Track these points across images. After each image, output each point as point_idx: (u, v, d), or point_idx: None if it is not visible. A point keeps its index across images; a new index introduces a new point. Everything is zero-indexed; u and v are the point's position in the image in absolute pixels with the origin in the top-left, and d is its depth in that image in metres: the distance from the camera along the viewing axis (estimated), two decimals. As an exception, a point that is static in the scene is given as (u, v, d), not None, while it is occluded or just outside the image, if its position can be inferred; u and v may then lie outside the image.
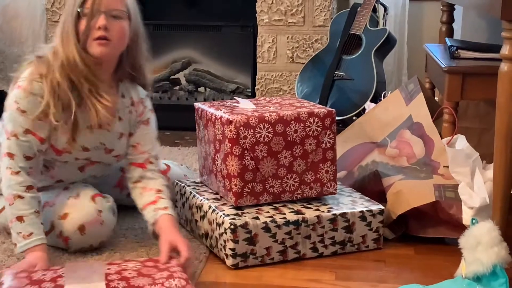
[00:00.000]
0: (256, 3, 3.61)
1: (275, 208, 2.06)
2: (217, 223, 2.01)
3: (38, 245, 1.91)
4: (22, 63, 2.05)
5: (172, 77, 3.86)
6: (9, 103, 1.99)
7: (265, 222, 1.97)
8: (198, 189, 2.23)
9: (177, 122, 3.67)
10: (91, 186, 2.15)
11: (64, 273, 1.69)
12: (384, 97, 2.73)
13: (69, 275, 1.66)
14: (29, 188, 1.96)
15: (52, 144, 2.03)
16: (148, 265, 1.78)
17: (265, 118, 2.03)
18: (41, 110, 1.95)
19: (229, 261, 1.97)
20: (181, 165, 2.56)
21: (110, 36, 1.96)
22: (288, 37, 3.63)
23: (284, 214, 2.02)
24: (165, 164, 2.45)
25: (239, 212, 2.02)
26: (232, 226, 1.94)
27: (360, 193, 2.22)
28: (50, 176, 2.13)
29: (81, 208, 2.05)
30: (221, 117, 2.05)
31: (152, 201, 2.06)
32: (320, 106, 2.17)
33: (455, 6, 3.30)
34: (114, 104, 2.06)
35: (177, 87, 3.85)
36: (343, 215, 2.05)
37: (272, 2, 3.59)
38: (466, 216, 1.98)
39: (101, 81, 2.01)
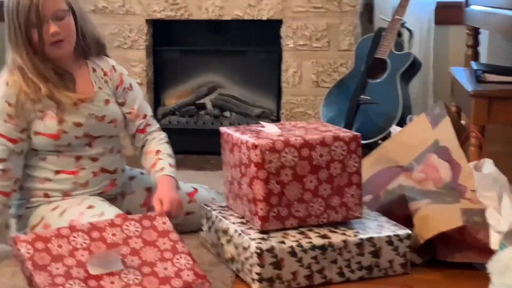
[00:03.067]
0: (281, 28, 3.63)
1: (301, 233, 2.05)
2: (243, 247, 2.02)
3: None
4: None
5: (198, 102, 3.89)
6: None
7: (291, 247, 1.97)
8: (224, 213, 2.24)
9: (203, 146, 3.69)
10: (114, 206, 2.19)
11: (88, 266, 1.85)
12: (410, 121, 2.72)
13: (91, 266, 1.84)
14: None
15: (43, 132, 2.16)
16: (146, 226, 1.98)
17: (291, 142, 2.03)
18: (6, 113, 2.13)
19: (255, 286, 1.96)
20: (211, 188, 2.57)
21: (62, 36, 2.13)
22: (313, 61, 3.64)
23: (310, 238, 2.01)
24: (193, 187, 2.47)
25: (265, 236, 2.02)
26: (258, 251, 1.94)
27: (386, 218, 2.21)
28: (64, 162, 2.22)
29: None
30: (246, 142, 2.06)
31: (152, 164, 2.27)
32: (345, 130, 2.17)
33: (480, 30, 3.30)
34: (88, 78, 2.25)
35: (202, 112, 3.88)
36: (370, 239, 2.04)
37: (297, 27, 3.61)
38: (494, 241, 1.95)
39: (69, 66, 2.21)
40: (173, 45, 3.92)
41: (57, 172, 2.23)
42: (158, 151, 2.30)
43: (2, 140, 2.14)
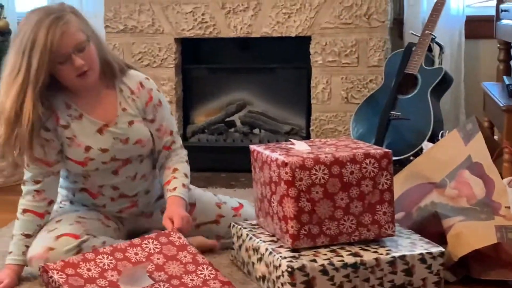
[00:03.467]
0: (310, 45, 3.63)
1: (333, 251, 2.03)
2: (274, 266, 2.00)
3: (11, 264, 2.15)
4: None
5: (227, 119, 3.89)
6: None
7: (322, 265, 1.95)
8: (255, 231, 2.23)
9: (232, 164, 3.69)
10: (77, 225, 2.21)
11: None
12: (441, 136, 2.69)
13: (124, 285, 1.90)
14: (24, 211, 2.20)
15: (71, 158, 2.20)
16: (163, 242, 2.05)
17: (321, 160, 2.02)
18: (43, 137, 2.15)
19: (287, 305, 1.95)
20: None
21: (87, 67, 2.12)
22: (342, 77, 3.63)
23: (342, 256, 1.99)
24: (239, 202, 2.50)
25: (296, 254, 2.00)
26: (289, 269, 1.93)
27: (419, 235, 2.18)
28: (91, 183, 2.27)
29: None
30: (276, 159, 2.05)
31: (167, 181, 2.29)
32: (376, 147, 2.15)
33: (512, 44, 3.27)
34: (115, 101, 2.24)
35: (232, 129, 3.88)
36: (402, 257, 2.01)
37: (326, 44, 3.61)
38: (530, 259, 1.92)
39: (95, 91, 2.21)
40: (202, 63, 3.94)
41: (81, 189, 2.30)
42: (175, 169, 2.32)
43: (38, 163, 2.18)
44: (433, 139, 3.08)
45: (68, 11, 2.12)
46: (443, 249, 2.07)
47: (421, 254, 2.03)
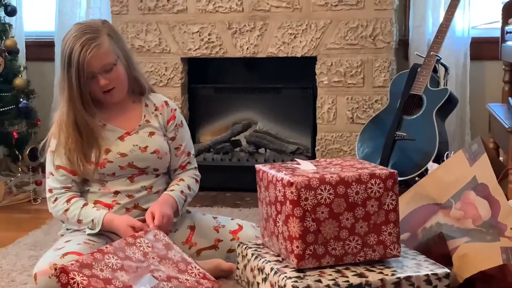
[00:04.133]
0: (316, 65, 3.65)
1: (338, 271, 2.03)
2: (279, 286, 2.00)
3: (104, 220, 2.26)
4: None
5: (233, 138, 3.90)
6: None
7: (327, 286, 1.94)
8: (260, 251, 2.22)
9: (238, 183, 3.70)
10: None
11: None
12: (447, 157, 2.69)
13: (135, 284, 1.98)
14: (68, 200, 2.30)
15: (92, 161, 2.29)
16: (151, 239, 2.14)
17: (326, 180, 2.03)
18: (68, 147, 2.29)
19: (291, 325, 1.94)
20: (257, 226, 2.55)
21: (112, 85, 2.28)
22: (347, 98, 3.64)
23: (347, 277, 1.99)
24: (238, 224, 2.49)
25: (301, 274, 2.00)
26: (294, 289, 1.92)
27: (424, 256, 2.18)
28: (107, 189, 2.34)
29: None
30: (282, 179, 2.06)
31: (170, 186, 2.40)
32: (381, 167, 2.15)
33: (517, 65, 3.27)
34: (139, 113, 2.39)
35: (238, 149, 3.89)
36: (408, 278, 2.01)
37: (332, 64, 3.63)
38: (536, 281, 1.91)
39: (124, 103, 2.37)
40: (208, 83, 3.96)
41: (95, 202, 2.33)
42: (181, 179, 2.43)
43: (63, 172, 2.31)
44: (439, 159, 3.08)
45: (104, 32, 2.27)
46: (448, 271, 2.06)
47: (427, 275, 2.02)
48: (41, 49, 4.22)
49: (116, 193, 2.33)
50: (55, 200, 2.32)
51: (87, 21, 2.37)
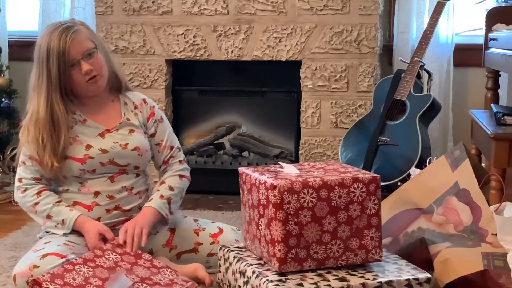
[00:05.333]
0: (300, 69, 3.65)
1: (319, 275, 2.03)
2: (260, 289, 1.99)
3: (76, 221, 2.25)
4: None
5: (217, 141, 3.90)
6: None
7: (309, 289, 1.94)
8: (242, 254, 2.22)
9: (221, 186, 3.69)
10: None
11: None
12: (429, 163, 2.70)
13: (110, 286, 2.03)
14: (39, 193, 2.29)
15: (71, 155, 2.28)
16: (120, 253, 2.16)
17: (309, 183, 2.02)
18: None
19: (272, 329, 1.94)
20: (238, 230, 2.53)
21: (96, 72, 2.29)
22: (332, 102, 3.65)
23: (329, 281, 1.99)
24: (219, 227, 2.48)
25: (283, 278, 2.00)
26: (275, 293, 1.92)
27: (406, 261, 2.18)
28: (87, 189, 2.32)
29: None
30: (265, 182, 2.05)
31: (150, 198, 2.38)
32: (364, 171, 2.15)
33: (500, 73, 3.30)
34: (118, 112, 2.40)
35: (221, 152, 3.88)
36: (389, 283, 2.01)
37: (316, 68, 3.63)
38: (517, 286, 1.92)
39: (103, 101, 2.38)
40: (192, 85, 3.95)
41: (74, 203, 2.32)
42: (162, 182, 2.42)
43: (35, 163, 2.30)
44: (421, 165, 3.09)
45: (78, 23, 2.31)
46: (429, 275, 2.07)
47: (408, 279, 2.03)
48: (24, 48, 4.11)
49: (97, 194, 2.32)
50: (24, 190, 2.31)
51: (55, 22, 2.37)
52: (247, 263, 2.13)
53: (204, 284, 2.29)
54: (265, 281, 1.98)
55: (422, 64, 3.45)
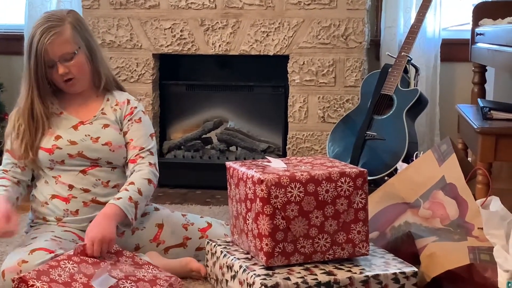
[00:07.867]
0: (288, 64, 3.65)
1: (307, 269, 2.03)
2: (248, 284, 2.00)
3: None
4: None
5: (204, 136, 3.89)
6: None
7: (296, 283, 1.94)
8: (229, 249, 2.22)
9: (208, 181, 3.69)
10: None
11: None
12: (416, 157, 2.71)
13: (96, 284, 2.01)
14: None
15: (41, 146, 2.29)
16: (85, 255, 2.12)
17: (297, 178, 2.03)
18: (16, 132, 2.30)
19: (260, 323, 1.94)
20: (227, 224, 2.52)
21: (72, 75, 2.28)
22: (319, 97, 3.65)
23: (316, 275, 1.99)
24: (207, 222, 2.47)
25: (270, 272, 2.00)
26: (263, 287, 1.92)
27: (393, 255, 2.19)
28: (62, 182, 2.31)
29: None
30: (252, 176, 2.05)
31: (117, 196, 2.28)
32: (351, 166, 2.16)
33: (487, 67, 3.31)
34: (98, 106, 2.39)
35: (208, 146, 3.88)
36: (376, 277, 2.02)
37: (304, 63, 3.63)
38: (502, 280, 1.93)
39: (85, 95, 2.38)
40: (179, 80, 3.94)
41: (52, 196, 2.31)
42: (131, 183, 2.28)
43: (9, 155, 2.33)
44: (408, 159, 3.10)
45: (67, 21, 2.28)
46: (416, 269, 2.08)
47: (395, 273, 2.04)
48: (10, 42, 4.17)
49: (71, 187, 2.31)
50: None
51: (56, 10, 2.40)
52: (234, 258, 2.13)
53: (200, 274, 2.31)
54: (252, 275, 1.98)
55: (409, 58, 3.46)
